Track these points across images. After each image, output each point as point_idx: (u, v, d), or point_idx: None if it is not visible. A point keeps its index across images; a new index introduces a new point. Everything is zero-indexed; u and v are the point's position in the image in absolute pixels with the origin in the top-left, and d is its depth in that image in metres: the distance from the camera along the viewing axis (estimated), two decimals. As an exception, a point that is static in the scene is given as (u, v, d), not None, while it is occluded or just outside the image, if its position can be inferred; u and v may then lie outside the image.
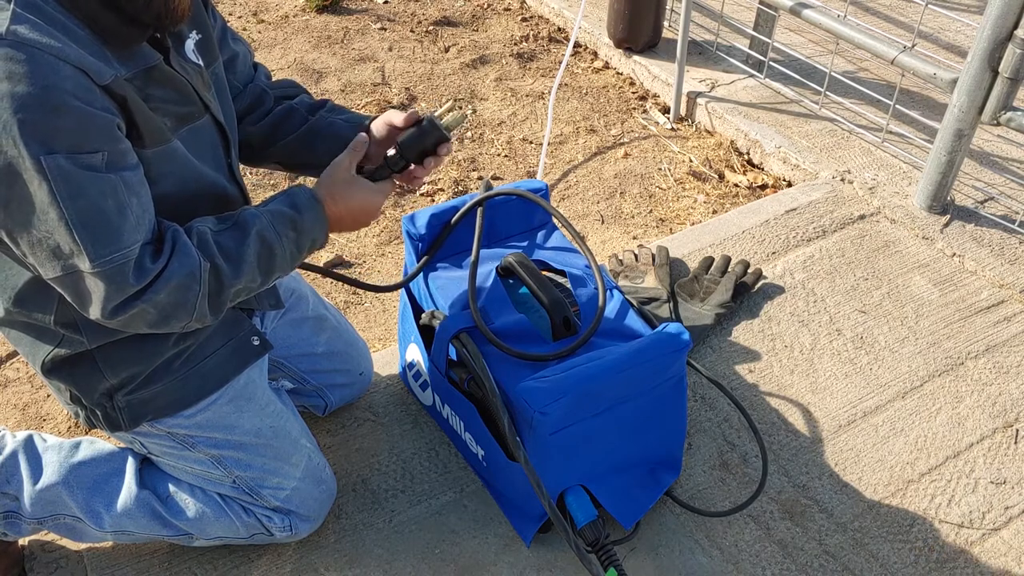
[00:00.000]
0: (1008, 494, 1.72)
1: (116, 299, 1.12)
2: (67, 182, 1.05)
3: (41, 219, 1.06)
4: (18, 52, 1.01)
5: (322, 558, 1.56)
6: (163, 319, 1.17)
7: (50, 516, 1.46)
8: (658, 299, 2.08)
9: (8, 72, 1.00)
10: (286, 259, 1.27)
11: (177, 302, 1.16)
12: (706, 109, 2.89)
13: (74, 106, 1.04)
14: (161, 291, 1.14)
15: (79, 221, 1.07)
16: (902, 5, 3.47)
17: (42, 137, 1.02)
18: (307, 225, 1.28)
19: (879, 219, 2.40)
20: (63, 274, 1.11)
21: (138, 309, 1.13)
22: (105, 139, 1.08)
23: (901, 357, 1.99)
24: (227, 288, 1.21)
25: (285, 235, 1.26)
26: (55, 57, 1.03)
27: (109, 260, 1.09)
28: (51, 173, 1.03)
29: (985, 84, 2.13)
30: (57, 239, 1.08)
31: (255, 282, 1.25)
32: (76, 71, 1.05)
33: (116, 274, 1.10)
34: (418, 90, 3.09)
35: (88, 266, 1.09)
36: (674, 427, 1.64)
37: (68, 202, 1.06)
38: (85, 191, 1.07)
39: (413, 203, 2.60)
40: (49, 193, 1.04)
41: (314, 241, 1.31)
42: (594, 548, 1.49)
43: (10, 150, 1.02)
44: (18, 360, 2.06)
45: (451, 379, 1.62)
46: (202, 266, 1.18)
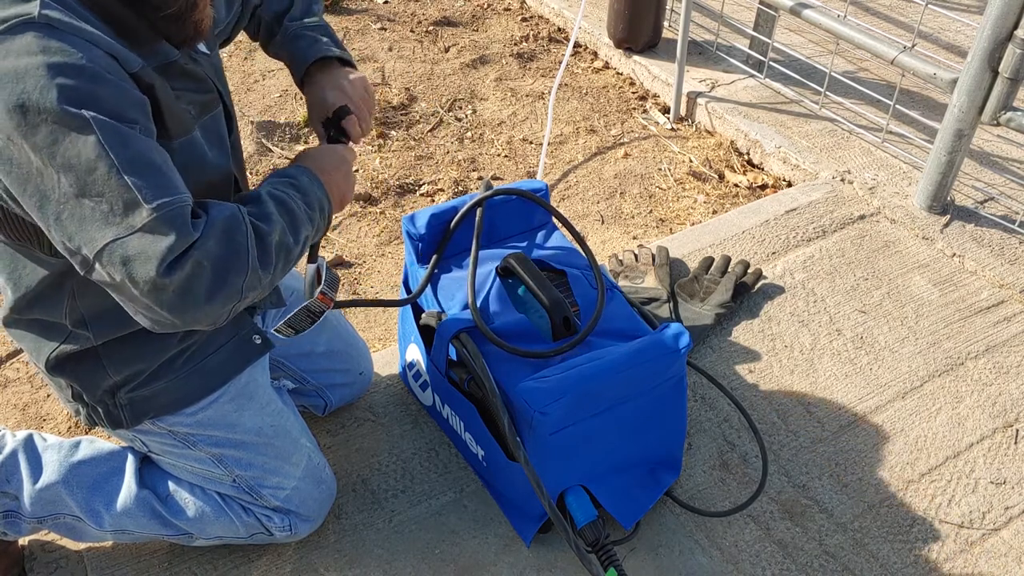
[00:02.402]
0: (1008, 494, 1.72)
1: (177, 249, 1.05)
2: (113, 132, 1.02)
3: (91, 179, 1.03)
4: (51, 32, 1.01)
5: (322, 558, 1.56)
6: (221, 274, 1.09)
7: (50, 515, 1.46)
8: (658, 299, 2.08)
9: (43, 47, 1.00)
10: (303, 216, 1.23)
11: (231, 251, 1.10)
12: (706, 109, 2.89)
13: (110, 79, 1.04)
14: (211, 236, 1.08)
15: (131, 167, 1.03)
16: (902, 5, 3.47)
17: (83, 100, 1.01)
18: (305, 185, 1.26)
19: (879, 219, 2.40)
20: (113, 238, 1.04)
21: (193, 262, 1.06)
22: (140, 114, 1.07)
23: (901, 357, 1.99)
24: (267, 236, 1.15)
25: (292, 195, 1.23)
26: (87, 40, 1.04)
27: (168, 203, 1.05)
28: (96, 124, 1.01)
29: (985, 84, 2.13)
30: (108, 198, 1.03)
31: (287, 238, 1.19)
32: (106, 55, 1.05)
33: (176, 217, 1.05)
34: (418, 90, 3.09)
35: (146, 213, 1.03)
36: (674, 427, 1.64)
37: (117, 149, 1.03)
38: (132, 141, 1.04)
39: (413, 203, 2.60)
40: (96, 144, 1.01)
41: (321, 204, 1.27)
42: (594, 548, 1.49)
43: (51, 115, 1.00)
44: (18, 360, 2.06)
45: (451, 379, 1.62)
46: (241, 210, 1.14)
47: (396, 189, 2.64)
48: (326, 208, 1.29)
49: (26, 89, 1.00)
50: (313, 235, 1.27)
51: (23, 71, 1.00)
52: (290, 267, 1.23)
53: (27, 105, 1.00)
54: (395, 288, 2.31)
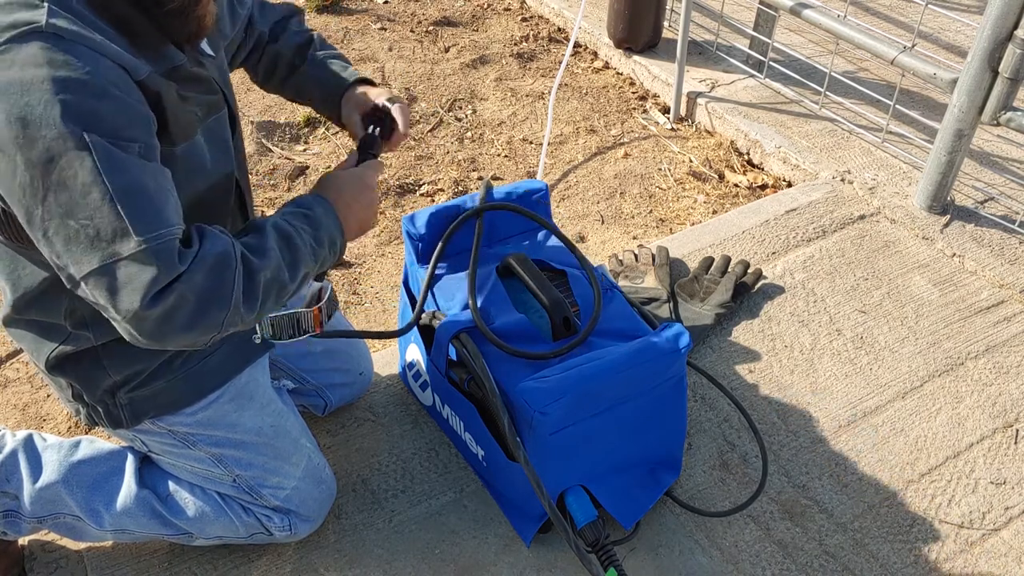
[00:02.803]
0: (1008, 494, 1.72)
1: (162, 281, 1.05)
2: (110, 158, 1.03)
3: (82, 202, 1.03)
4: (58, 43, 1.01)
5: (322, 558, 1.56)
6: (203, 308, 1.10)
7: (50, 515, 1.46)
8: (658, 299, 2.08)
9: (49, 59, 1.00)
10: (308, 253, 1.23)
11: (215, 286, 1.10)
12: (706, 109, 2.89)
13: (115, 94, 1.04)
14: (199, 271, 1.09)
15: (124, 197, 1.04)
16: (902, 5, 3.47)
17: (84, 119, 1.01)
18: (319, 219, 1.27)
19: (879, 219, 2.40)
20: (99, 264, 1.05)
21: (177, 294, 1.07)
22: (142, 131, 1.08)
23: (901, 357, 1.99)
24: (257, 274, 1.15)
25: (302, 229, 1.24)
26: (93, 50, 1.04)
27: (157, 236, 1.05)
28: (94, 149, 1.02)
29: (985, 84, 2.13)
30: (98, 223, 1.04)
31: (283, 275, 1.19)
32: (114, 65, 1.05)
33: (163, 251, 1.06)
34: (418, 90, 3.09)
35: (133, 245, 1.04)
36: (674, 427, 1.64)
37: (112, 176, 1.03)
38: (128, 168, 1.04)
39: (413, 203, 2.60)
40: (92, 170, 1.02)
41: (333, 239, 1.28)
42: (594, 548, 1.49)
43: (50, 132, 1.00)
44: (18, 360, 2.06)
45: (451, 379, 1.62)
46: (234, 246, 1.14)
47: (396, 189, 2.64)
48: (337, 243, 1.29)
49: (30, 102, 1.00)
50: (316, 269, 1.27)
51: (28, 83, 1.00)
52: (283, 301, 1.23)
53: (29, 119, 1.00)
54: (395, 288, 2.31)
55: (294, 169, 2.70)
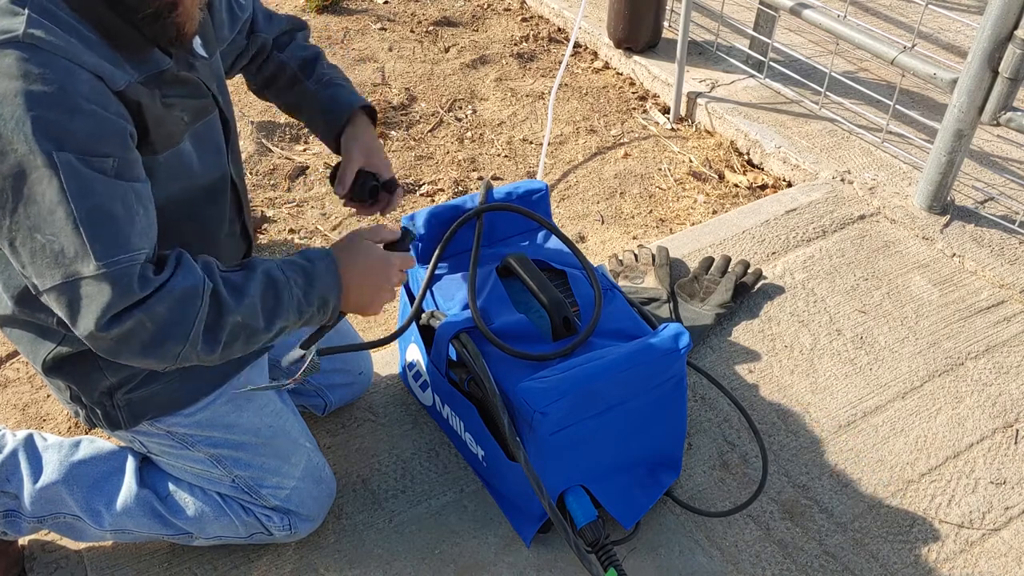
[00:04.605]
0: (1008, 494, 1.72)
1: (117, 307, 1.07)
2: (77, 179, 1.03)
3: (48, 220, 1.04)
4: (34, 54, 1.01)
5: (322, 558, 1.56)
6: (159, 338, 1.11)
7: (50, 515, 1.46)
8: (658, 299, 2.08)
9: (24, 72, 1.00)
10: (292, 306, 1.21)
11: (175, 319, 1.11)
12: (706, 109, 2.89)
13: (88, 109, 1.04)
14: (163, 301, 1.10)
15: (87, 220, 1.05)
16: (902, 5, 3.47)
17: (55, 135, 1.02)
18: (318, 275, 1.25)
19: (879, 219, 2.40)
20: (61, 282, 1.07)
21: (136, 320, 1.08)
22: (117, 145, 1.08)
23: (901, 357, 1.99)
24: (226, 315, 1.15)
25: (294, 280, 1.22)
26: (70, 61, 1.03)
27: (115, 262, 1.06)
28: (62, 169, 1.02)
29: (985, 84, 2.13)
30: (62, 241, 1.05)
31: (257, 322, 1.18)
32: (91, 76, 1.05)
33: (122, 277, 1.07)
34: (418, 90, 3.09)
35: (92, 268, 1.05)
36: (674, 427, 1.64)
37: (77, 199, 1.04)
38: (95, 190, 1.05)
39: (413, 203, 2.60)
40: (59, 190, 1.03)
41: (325, 299, 1.25)
42: (594, 548, 1.49)
43: (21, 147, 1.01)
44: (18, 360, 2.06)
45: (451, 379, 1.62)
46: (205, 284, 1.14)
47: (396, 189, 2.64)
48: (329, 304, 1.27)
49: (2, 115, 1.00)
50: (298, 324, 1.25)
51: (1, 95, 1.00)
52: (251, 347, 1.22)
53: (0, 131, 1.00)
54: (395, 288, 2.31)
55: (294, 169, 2.70)
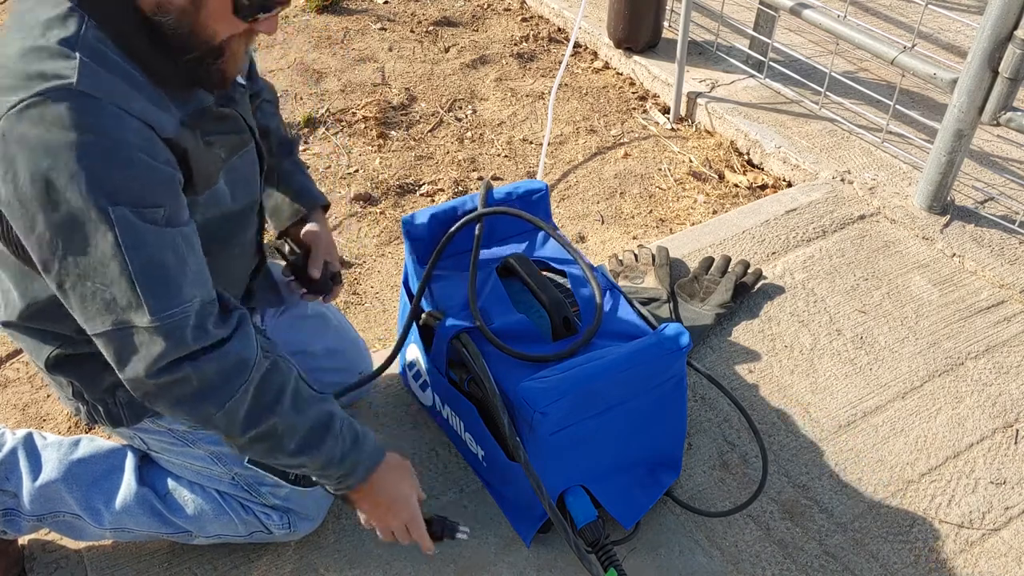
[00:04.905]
0: (1008, 494, 1.72)
1: (170, 357, 1.09)
2: (132, 233, 1.05)
3: (100, 271, 1.06)
4: (87, 103, 1.02)
5: (322, 558, 1.56)
6: (199, 396, 1.13)
7: (49, 513, 1.46)
8: (658, 299, 2.08)
9: (77, 123, 1.01)
10: (324, 454, 1.24)
11: (220, 384, 1.13)
12: (706, 109, 2.89)
13: (140, 160, 1.05)
14: (213, 362, 1.12)
15: (142, 273, 1.06)
16: (902, 5, 3.47)
17: (109, 189, 1.03)
18: (365, 448, 1.29)
19: (879, 219, 2.40)
20: (112, 329, 1.08)
21: (184, 374, 1.11)
22: (167, 194, 1.09)
23: (901, 357, 1.99)
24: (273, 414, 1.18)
25: (344, 437, 1.26)
26: (122, 110, 1.04)
27: (169, 315, 1.08)
28: (118, 224, 1.04)
29: (985, 84, 2.13)
30: (114, 291, 1.06)
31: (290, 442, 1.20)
32: (141, 124, 1.06)
33: (174, 330, 1.09)
34: (418, 90, 3.09)
35: (146, 321, 1.07)
36: (674, 427, 1.64)
37: (132, 253, 1.05)
38: (148, 242, 1.06)
39: (413, 203, 2.60)
40: (114, 244, 1.04)
41: (352, 470, 1.28)
42: (594, 548, 1.49)
43: (75, 200, 1.02)
44: (18, 360, 2.06)
45: (451, 379, 1.62)
46: (258, 362, 1.16)
47: (396, 189, 2.64)
48: (347, 483, 1.30)
49: (55, 167, 1.01)
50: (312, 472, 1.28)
51: (55, 147, 1.00)
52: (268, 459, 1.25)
53: (53, 182, 1.01)
54: (395, 288, 2.31)
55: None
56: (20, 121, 1.01)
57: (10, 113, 1.01)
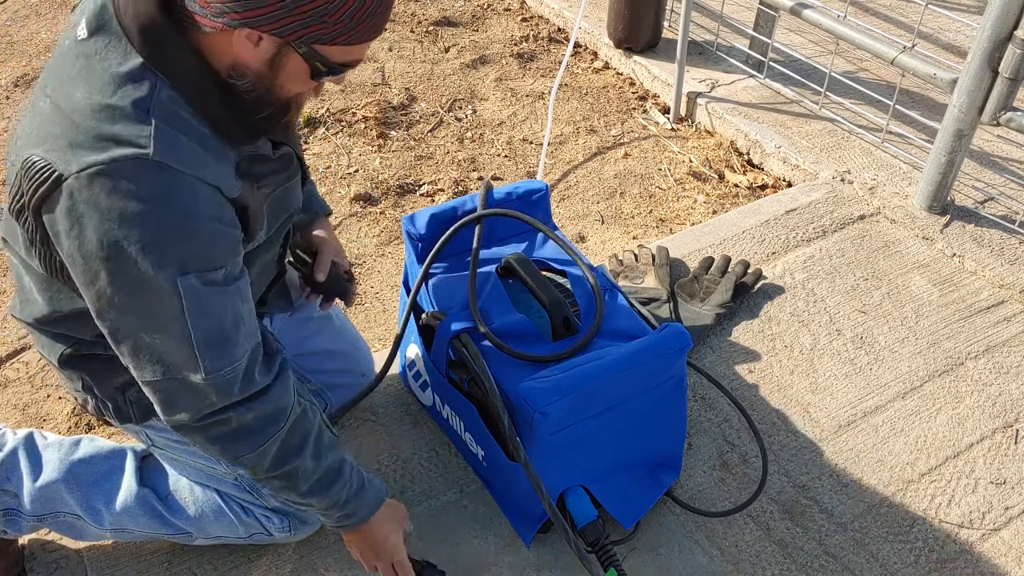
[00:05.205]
0: (1008, 494, 1.72)
1: (217, 407, 1.14)
2: (197, 300, 1.07)
3: (159, 330, 1.08)
4: (161, 174, 1.03)
5: (322, 558, 1.56)
6: (236, 439, 1.18)
7: (50, 514, 1.46)
8: (658, 299, 2.08)
9: (150, 195, 1.02)
10: (332, 497, 1.29)
11: (259, 430, 1.18)
12: (706, 109, 2.89)
13: (210, 229, 1.07)
14: (255, 410, 1.17)
15: (203, 338, 1.09)
16: (902, 5, 3.47)
17: (179, 259, 1.05)
18: (366, 496, 1.34)
19: (879, 219, 2.40)
20: (162, 378, 1.12)
21: (224, 418, 1.15)
22: (230, 255, 1.12)
23: (901, 357, 1.99)
24: (298, 457, 1.23)
25: (352, 480, 1.31)
26: (195, 178, 1.05)
27: (222, 374, 1.12)
28: (185, 293, 1.06)
29: (985, 84, 2.13)
30: (170, 348, 1.09)
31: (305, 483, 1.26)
32: (212, 190, 1.08)
33: (225, 385, 1.13)
34: (418, 90, 3.09)
35: (199, 378, 1.11)
36: (674, 427, 1.64)
37: (195, 320, 1.08)
38: (211, 308, 1.09)
39: (413, 203, 2.60)
40: (179, 310, 1.07)
41: (354, 512, 1.33)
42: (594, 548, 1.49)
43: (144, 267, 1.03)
44: (18, 360, 2.06)
45: (451, 379, 1.62)
46: (292, 409, 1.21)
47: (396, 189, 2.64)
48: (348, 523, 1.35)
49: (128, 236, 1.02)
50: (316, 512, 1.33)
51: (129, 216, 1.01)
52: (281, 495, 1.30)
53: (123, 249, 1.02)
54: (395, 288, 2.31)
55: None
56: (91, 185, 1.01)
57: (82, 175, 1.01)
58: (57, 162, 1.03)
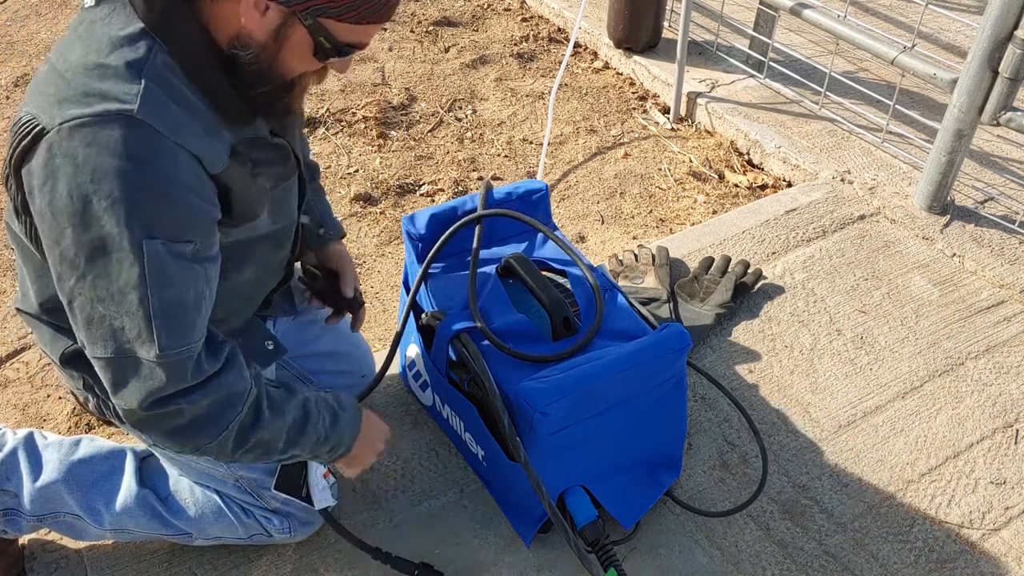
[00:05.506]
0: (1008, 494, 1.72)
1: (166, 392, 1.09)
2: (160, 268, 1.04)
3: (116, 299, 1.04)
4: (142, 132, 1.01)
5: (322, 558, 1.56)
6: (190, 429, 1.13)
7: (50, 514, 1.46)
8: (658, 299, 2.08)
9: (129, 152, 1.00)
10: (311, 440, 1.27)
11: (213, 416, 1.14)
12: (706, 109, 2.89)
13: (185, 198, 1.05)
14: (208, 396, 1.12)
15: (161, 310, 1.05)
16: (902, 5, 3.47)
17: (147, 221, 1.02)
18: (343, 423, 1.32)
19: (879, 219, 2.40)
20: (113, 356, 1.07)
21: (175, 408, 1.11)
22: (202, 232, 1.09)
23: (901, 357, 1.99)
24: (258, 429, 1.19)
25: (321, 417, 1.29)
26: (175, 144, 1.03)
27: (177, 353, 1.08)
28: (148, 257, 1.03)
29: (985, 84, 2.13)
30: (125, 321, 1.05)
31: (278, 443, 1.23)
32: (191, 159, 1.05)
33: (177, 367, 1.08)
34: (418, 90, 3.09)
35: (153, 355, 1.06)
36: (674, 427, 1.64)
37: (155, 288, 1.04)
38: (174, 280, 1.06)
39: (413, 203, 2.60)
40: (139, 276, 1.03)
41: (339, 443, 1.32)
42: (594, 548, 1.49)
43: (109, 226, 1.01)
44: (18, 360, 2.06)
45: (451, 379, 1.62)
46: (250, 391, 1.17)
47: (396, 189, 2.64)
48: (339, 452, 1.34)
49: (99, 190, 1.00)
50: (304, 456, 1.31)
51: (102, 170, 1.00)
52: (260, 462, 1.30)
53: (92, 204, 1.00)
54: (395, 288, 2.31)
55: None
56: (72, 137, 1.00)
57: (63, 127, 1.00)
58: (42, 116, 1.02)
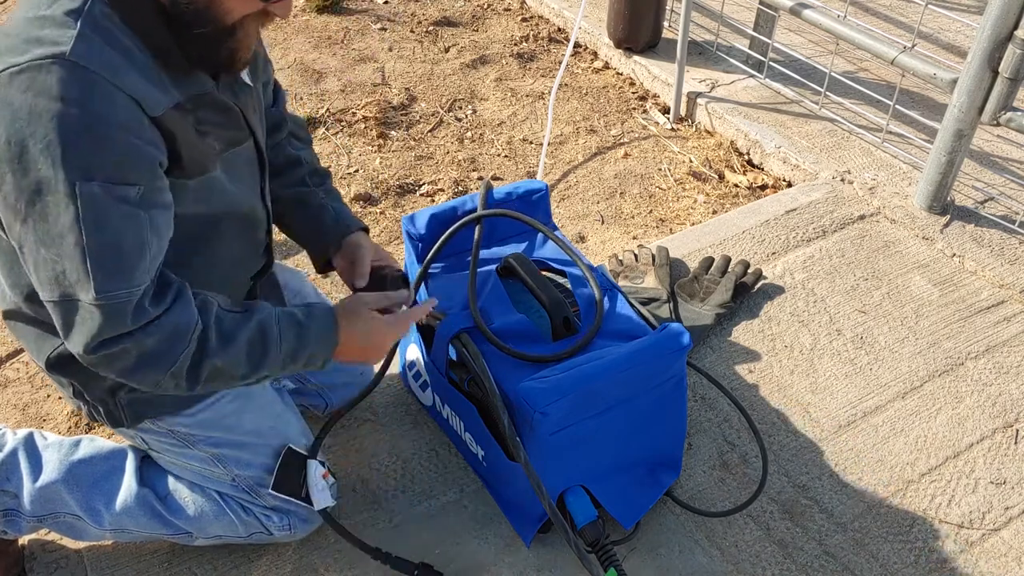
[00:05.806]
0: (1008, 494, 1.72)
1: (105, 335, 1.09)
2: (95, 210, 1.04)
3: (55, 241, 1.05)
4: (76, 74, 1.01)
5: (322, 558, 1.56)
6: (140, 366, 1.13)
7: (49, 514, 1.46)
8: (658, 299, 2.08)
9: (63, 93, 1.00)
10: (277, 361, 1.25)
11: (161, 353, 1.13)
12: (706, 109, 2.89)
13: (121, 138, 1.04)
14: (152, 335, 1.12)
15: (95, 252, 1.05)
16: (902, 5, 3.47)
17: (82, 163, 1.02)
18: (311, 337, 1.28)
19: (879, 219, 2.40)
20: (59, 299, 1.09)
21: (120, 348, 1.11)
22: (145, 174, 1.08)
23: (901, 357, 1.99)
24: (208, 358, 1.17)
25: (285, 338, 1.25)
26: (112, 85, 1.03)
27: (113, 296, 1.08)
28: (82, 199, 1.03)
29: (985, 84, 2.13)
30: (65, 264, 1.06)
31: (238, 369, 1.21)
32: (130, 101, 1.05)
33: (115, 311, 1.09)
34: (418, 90, 3.09)
35: (90, 298, 1.07)
36: (674, 427, 1.64)
37: (90, 230, 1.04)
38: (110, 223, 1.05)
39: (413, 203, 2.60)
40: (74, 219, 1.03)
41: (313, 356, 1.29)
42: (594, 548, 1.49)
43: (45, 169, 1.01)
44: (18, 360, 2.06)
45: (451, 379, 1.62)
46: (196, 325, 1.16)
47: (396, 189, 2.64)
48: (318, 362, 1.30)
49: (34, 133, 1.00)
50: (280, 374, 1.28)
51: (37, 113, 1.00)
52: (233, 387, 1.28)
53: (27, 148, 1.00)
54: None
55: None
56: (10, 85, 1.01)
57: (2, 75, 1.01)
58: None
